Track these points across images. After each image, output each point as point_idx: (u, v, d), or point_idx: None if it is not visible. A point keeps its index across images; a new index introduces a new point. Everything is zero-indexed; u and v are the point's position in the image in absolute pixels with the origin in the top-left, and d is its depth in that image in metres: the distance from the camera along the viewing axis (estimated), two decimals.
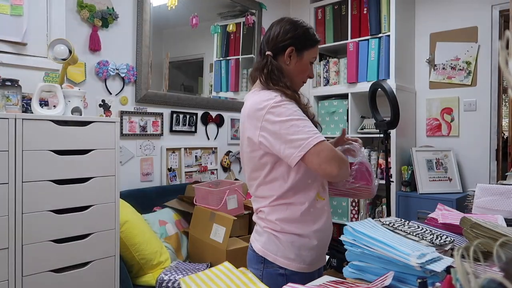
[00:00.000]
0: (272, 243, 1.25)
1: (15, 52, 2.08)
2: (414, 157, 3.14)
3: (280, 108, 1.16)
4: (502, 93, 3.17)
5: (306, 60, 1.31)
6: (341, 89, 3.46)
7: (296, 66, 1.30)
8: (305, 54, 1.30)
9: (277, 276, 1.22)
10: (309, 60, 1.32)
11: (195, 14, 3.00)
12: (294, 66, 1.30)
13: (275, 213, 1.25)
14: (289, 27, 1.29)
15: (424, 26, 3.41)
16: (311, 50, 1.31)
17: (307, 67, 1.32)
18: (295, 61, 1.30)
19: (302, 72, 1.32)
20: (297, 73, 1.31)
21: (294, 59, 1.29)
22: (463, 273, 0.52)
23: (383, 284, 0.88)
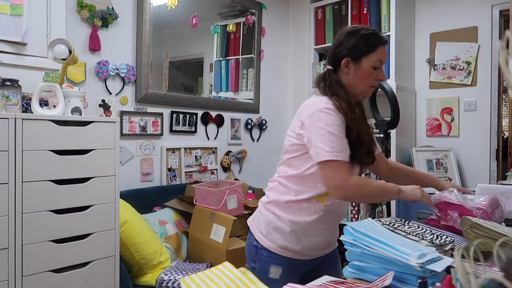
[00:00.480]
0: (256, 217, 1.46)
1: (15, 52, 2.08)
2: (414, 157, 3.14)
3: (323, 115, 1.26)
4: (502, 93, 3.17)
5: (366, 66, 1.33)
6: None
7: (356, 74, 1.34)
8: (364, 61, 1.32)
9: (251, 246, 1.43)
10: (370, 65, 1.33)
11: (195, 14, 3.00)
12: (354, 75, 1.34)
13: (272, 191, 1.42)
14: (343, 38, 1.35)
15: (424, 26, 3.41)
16: (370, 55, 1.33)
17: (369, 73, 1.34)
18: (354, 69, 1.33)
19: (364, 78, 1.34)
20: (359, 80, 1.34)
21: (352, 68, 1.33)
22: (463, 273, 0.52)
23: (383, 284, 0.88)
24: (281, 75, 3.83)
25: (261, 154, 3.57)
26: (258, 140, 3.57)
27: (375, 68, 1.33)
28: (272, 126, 3.69)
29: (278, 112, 3.79)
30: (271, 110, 3.69)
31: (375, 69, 1.33)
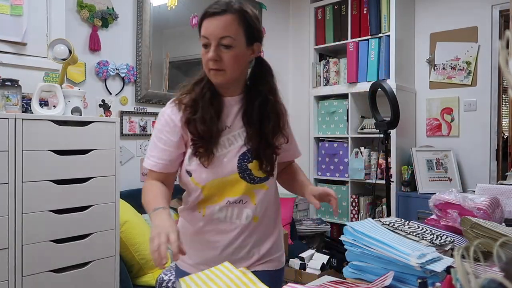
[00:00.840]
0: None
1: (15, 52, 2.08)
2: (414, 157, 3.14)
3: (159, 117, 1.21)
4: (502, 93, 3.17)
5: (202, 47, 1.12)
6: (341, 89, 3.46)
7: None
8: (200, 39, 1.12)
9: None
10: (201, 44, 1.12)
11: (195, 14, 3.00)
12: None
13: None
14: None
15: (424, 26, 3.41)
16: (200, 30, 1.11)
17: (202, 53, 1.11)
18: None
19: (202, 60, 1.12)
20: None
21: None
22: (463, 273, 0.52)
23: (383, 284, 0.88)
24: (281, 75, 3.81)
25: None
26: None
27: (204, 47, 1.10)
28: None
29: None
30: None
31: (205, 47, 1.10)
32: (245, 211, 1.18)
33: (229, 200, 1.16)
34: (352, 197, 3.36)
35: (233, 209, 1.18)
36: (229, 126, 1.17)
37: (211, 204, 1.17)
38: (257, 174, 1.16)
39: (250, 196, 1.18)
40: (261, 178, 1.18)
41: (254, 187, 1.18)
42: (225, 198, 1.16)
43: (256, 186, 1.18)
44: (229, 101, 1.19)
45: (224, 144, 1.15)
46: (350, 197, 3.36)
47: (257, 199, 1.19)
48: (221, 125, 1.15)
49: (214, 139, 1.13)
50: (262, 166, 1.16)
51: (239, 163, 1.15)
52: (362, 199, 3.35)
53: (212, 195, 1.17)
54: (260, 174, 1.17)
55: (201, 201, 1.18)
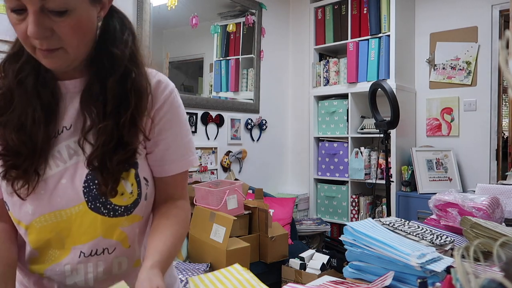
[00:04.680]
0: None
1: None
2: (414, 157, 3.14)
3: None
4: (502, 93, 3.17)
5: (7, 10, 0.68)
6: (341, 89, 3.46)
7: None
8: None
9: None
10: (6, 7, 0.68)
11: (195, 14, 3.00)
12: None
13: None
14: None
15: (424, 26, 3.41)
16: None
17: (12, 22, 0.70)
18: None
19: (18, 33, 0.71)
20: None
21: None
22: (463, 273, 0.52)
23: (383, 284, 0.88)
24: (281, 75, 3.83)
25: (261, 154, 3.57)
26: (258, 140, 3.57)
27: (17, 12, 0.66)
28: (272, 126, 3.68)
29: (278, 112, 3.79)
30: (271, 110, 3.69)
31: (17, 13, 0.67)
32: (116, 261, 0.76)
33: (82, 250, 0.73)
34: (352, 197, 3.36)
35: (96, 266, 0.74)
36: (68, 127, 0.74)
37: (54, 263, 0.73)
38: (118, 202, 0.73)
39: (116, 238, 0.75)
40: (126, 207, 0.74)
41: (118, 222, 0.74)
42: (71, 248, 0.73)
43: (121, 221, 0.74)
44: (68, 87, 0.75)
45: (60, 157, 0.72)
46: (350, 197, 3.36)
47: (132, 239, 0.77)
48: (54, 128, 0.73)
49: (41, 152, 0.70)
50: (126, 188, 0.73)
51: (86, 187, 0.72)
52: (362, 199, 3.35)
53: (47, 244, 0.73)
54: (123, 201, 0.74)
55: (34, 259, 0.74)
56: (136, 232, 0.79)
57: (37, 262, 0.74)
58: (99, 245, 0.74)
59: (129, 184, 0.74)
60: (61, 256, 0.73)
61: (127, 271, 0.79)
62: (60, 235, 0.72)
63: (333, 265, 2.63)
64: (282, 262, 2.60)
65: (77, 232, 0.72)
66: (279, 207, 3.04)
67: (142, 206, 0.77)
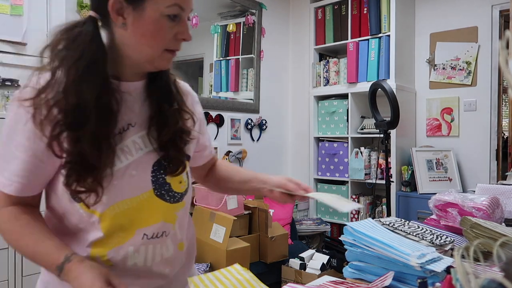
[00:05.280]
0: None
1: (15, 52, 2.08)
2: (414, 157, 3.14)
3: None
4: (502, 93, 3.17)
5: (154, 13, 0.74)
6: (341, 89, 3.46)
7: (138, 28, 0.75)
8: (149, 5, 0.74)
9: None
10: (160, 13, 0.74)
11: (195, 14, 3.00)
12: (135, 29, 0.75)
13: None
14: None
15: (424, 26, 3.41)
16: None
17: (159, 26, 0.75)
18: (135, 20, 0.74)
19: (152, 35, 0.75)
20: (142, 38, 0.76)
21: (130, 17, 0.74)
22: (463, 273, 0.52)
23: (383, 284, 0.88)
24: (281, 75, 3.83)
25: (261, 154, 3.57)
26: (258, 140, 3.57)
27: (171, 19, 0.76)
28: (272, 126, 3.68)
29: (278, 112, 3.79)
30: (271, 110, 3.69)
31: (172, 20, 0.77)
32: (167, 243, 0.85)
33: (145, 233, 0.81)
34: (352, 197, 3.36)
35: (154, 248, 0.82)
36: (133, 124, 0.81)
37: (118, 245, 0.79)
38: (178, 189, 0.85)
39: (172, 221, 0.85)
40: (181, 194, 0.87)
41: (176, 207, 0.85)
42: (136, 231, 0.80)
43: (177, 206, 0.86)
44: (130, 88, 0.82)
45: (129, 151, 0.79)
46: (350, 197, 3.36)
47: (178, 222, 0.87)
48: (122, 124, 0.79)
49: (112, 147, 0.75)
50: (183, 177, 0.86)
51: (154, 176, 0.81)
52: (362, 199, 3.35)
53: (117, 229, 0.78)
54: (180, 188, 0.86)
55: (99, 242, 0.78)
56: (181, 218, 0.88)
57: (101, 245, 0.79)
58: (160, 229, 0.83)
59: (185, 174, 0.88)
60: (125, 239, 0.79)
61: (174, 254, 0.87)
62: (130, 220, 0.79)
63: (333, 265, 2.63)
64: (282, 262, 2.60)
65: (143, 217, 0.81)
66: (279, 207, 3.04)
67: (189, 194, 0.90)
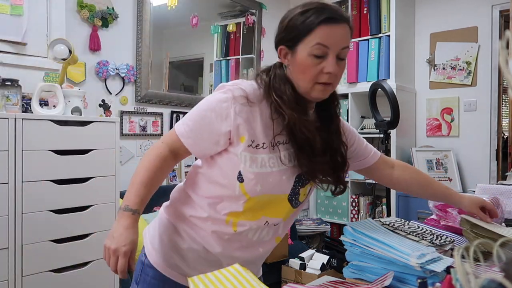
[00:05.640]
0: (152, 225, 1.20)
1: (15, 52, 2.08)
2: (414, 157, 3.14)
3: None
4: (502, 93, 3.17)
5: (302, 54, 0.94)
6: (341, 89, 3.46)
7: (294, 67, 0.97)
8: (299, 48, 0.94)
9: (139, 262, 1.17)
10: (307, 52, 0.93)
11: (195, 14, 3.00)
12: (292, 68, 0.97)
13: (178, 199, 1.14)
14: (280, 22, 1.01)
15: (424, 26, 3.41)
16: (307, 39, 0.93)
17: (307, 63, 0.93)
18: (292, 60, 0.97)
19: (302, 71, 0.95)
20: (298, 75, 0.97)
21: (290, 58, 0.97)
22: (463, 273, 0.52)
23: (383, 284, 0.88)
24: None
25: None
26: None
27: (317, 57, 0.93)
28: None
29: None
30: None
31: (317, 57, 0.93)
32: (277, 232, 1.09)
33: (268, 220, 1.03)
34: (352, 197, 3.36)
35: (268, 231, 1.06)
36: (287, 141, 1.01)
37: (247, 220, 1.02)
38: (301, 199, 1.06)
39: (285, 219, 1.08)
40: (300, 203, 1.07)
41: (293, 211, 1.07)
42: (262, 216, 1.02)
43: (294, 210, 1.08)
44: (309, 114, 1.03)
45: (285, 159, 0.98)
46: (350, 197, 3.36)
47: (287, 221, 1.10)
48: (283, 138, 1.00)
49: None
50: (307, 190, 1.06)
51: (294, 185, 1.02)
52: (362, 199, 3.35)
53: (251, 210, 1.01)
54: (301, 198, 1.06)
55: (234, 213, 1.01)
56: (290, 218, 1.10)
57: (236, 216, 1.01)
58: (278, 221, 1.05)
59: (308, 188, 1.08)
60: (254, 218, 1.02)
61: (270, 240, 1.09)
62: (264, 208, 1.01)
63: (333, 265, 2.63)
64: (282, 262, 2.60)
65: (273, 209, 1.02)
66: None
67: (302, 205, 1.10)
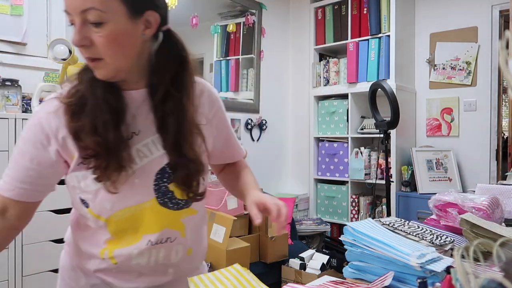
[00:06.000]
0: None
1: (15, 52, 2.08)
2: (414, 157, 3.14)
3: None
4: (502, 93, 3.17)
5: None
6: (341, 89, 3.46)
7: None
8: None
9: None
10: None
11: (195, 14, 3.00)
12: None
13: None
14: None
15: (424, 26, 3.41)
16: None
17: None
18: None
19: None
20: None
21: None
22: (463, 273, 0.52)
23: (383, 284, 0.88)
24: (281, 75, 3.83)
25: (261, 154, 3.57)
26: (258, 140, 3.57)
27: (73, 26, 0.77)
28: (272, 126, 3.69)
29: (278, 112, 3.79)
30: (271, 110, 3.69)
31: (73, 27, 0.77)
32: (174, 248, 0.89)
33: (150, 239, 0.85)
34: (352, 197, 3.36)
35: (158, 252, 0.87)
36: (137, 132, 0.83)
37: (125, 246, 0.85)
38: (181, 196, 0.87)
39: (178, 228, 0.89)
40: (186, 201, 0.88)
41: (180, 214, 0.88)
42: (142, 236, 0.85)
43: (182, 213, 0.89)
44: (133, 96, 0.84)
45: (133, 159, 0.82)
46: (350, 197, 3.36)
47: (188, 230, 0.91)
48: (126, 132, 0.81)
49: (116, 153, 0.78)
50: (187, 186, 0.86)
51: (156, 184, 0.84)
52: (362, 199, 3.35)
53: (123, 232, 0.85)
54: (186, 196, 0.87)
55: (111, 241, 0.86)
56: (191, 224, 0.92)
57: (114, 244, 0.85)
58: (164, 235, 0.87)
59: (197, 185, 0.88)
60: (133, 242, 0.85)
61: (182, 258, 0.92)
62: (135, 225, 0.85)
63: (333, 265, 2.63)
64: (282, 262, 2.60)
65: (148, 223, 0.85)
66: None
67: (198, 201, 0.91)
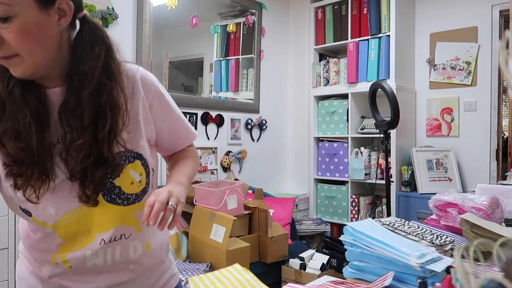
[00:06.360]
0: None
1: None
2: (414, 157, 3.14)
3: None
4: (502, 93, 3.17)
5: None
6: (341, 89, 3.46)
7: None
8: None
9: None
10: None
11: (195, 14, 3.00)
12: None
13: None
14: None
15: (424, 26, 3.41)
16: None
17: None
18: None
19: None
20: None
21: None
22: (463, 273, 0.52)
23: (383, 284, 0.88)
24: (281, 75, 3.83)
25: (261, 154, 3.57)
26: (258, 140, 3.57)
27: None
28: (272, 126, 3.69)
29: (278, 112, 3.79)
30: (271, 110, 3.69)
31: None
32: (131, 245, 0.85)
33: (103, 238, 0.81)
34: (352, 197, 3.36)
35: (113, 250, 0.83)
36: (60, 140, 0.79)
37: (79, 248, 0.81)
38: (130, 191, 0.82)
39: (132, 224, 0.85)
40: (137, 195, 0.83)
41: (133, 209, 0.84)
42: (95, 236, 0.81)
43: (134, 208, 0.84)
44: (54, 95, 0.77)
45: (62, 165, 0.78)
46: (350, 197, 3.36)
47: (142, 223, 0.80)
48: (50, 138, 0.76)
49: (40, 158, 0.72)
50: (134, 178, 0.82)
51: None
52: (362, 199, 3.35)
53: (75, 234, 0.81)
54: (133, 190, 0.82)
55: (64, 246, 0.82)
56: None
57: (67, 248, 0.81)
58: (118, 232, 0.83)
59: (137, 174, 0.83)
60: (86, 243, 0.81)
61: (142, 254, 0.88)
62: (86, 225, 0.81)
63: (333, 265, 2.63)
64: (282, 262, 2.60)
65: (99, 222, 0.81)
66: (279, 207, 3.04)
67: (150, 194, 0.83)
